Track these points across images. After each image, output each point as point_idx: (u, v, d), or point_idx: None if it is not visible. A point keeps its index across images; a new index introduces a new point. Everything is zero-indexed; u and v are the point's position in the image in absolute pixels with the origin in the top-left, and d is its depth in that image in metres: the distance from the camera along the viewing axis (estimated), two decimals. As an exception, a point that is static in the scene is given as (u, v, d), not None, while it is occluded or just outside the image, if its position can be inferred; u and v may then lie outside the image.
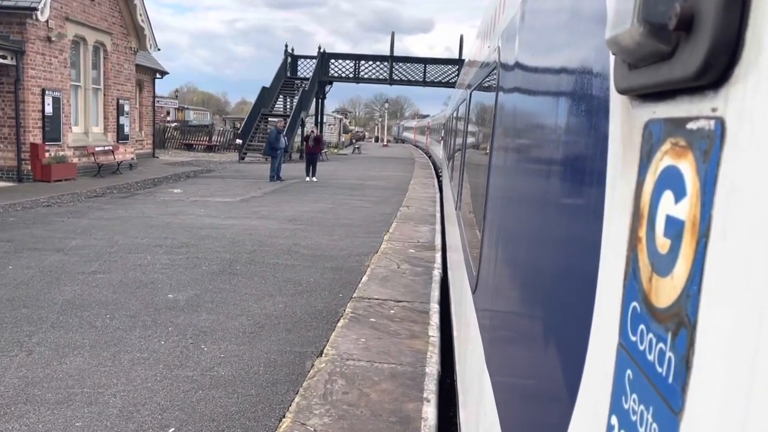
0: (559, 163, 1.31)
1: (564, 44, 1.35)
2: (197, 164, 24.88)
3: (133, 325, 5.21)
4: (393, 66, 36.47)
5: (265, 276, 7.07)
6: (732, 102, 0.52)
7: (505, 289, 1.98)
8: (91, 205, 12.40)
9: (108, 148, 18.59)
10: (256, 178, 19.53)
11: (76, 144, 17.00)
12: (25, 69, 14.71)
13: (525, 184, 1.77)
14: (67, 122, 16.53)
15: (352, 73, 36.61)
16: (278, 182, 18.36)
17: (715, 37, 0.51)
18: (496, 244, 2.26)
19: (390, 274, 7.42)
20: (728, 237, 0.51)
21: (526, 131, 1.83)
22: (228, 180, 18.96)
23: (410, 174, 23.85)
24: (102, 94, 18.69)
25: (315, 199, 14.86)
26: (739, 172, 0.50)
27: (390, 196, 15.97)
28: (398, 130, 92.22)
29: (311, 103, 34.21)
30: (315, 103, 37.09)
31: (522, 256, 1.67)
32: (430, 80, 36.80)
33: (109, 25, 18.45)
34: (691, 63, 0.54)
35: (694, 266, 0.55)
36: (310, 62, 36.40)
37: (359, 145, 44.47)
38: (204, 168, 23.20)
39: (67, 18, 16.15)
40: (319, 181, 19.02)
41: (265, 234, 9.78)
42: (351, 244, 9.34)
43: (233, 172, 22.16)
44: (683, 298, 0.57)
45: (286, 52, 35.57)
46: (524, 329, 1.55)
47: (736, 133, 0.51)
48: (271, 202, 13.97)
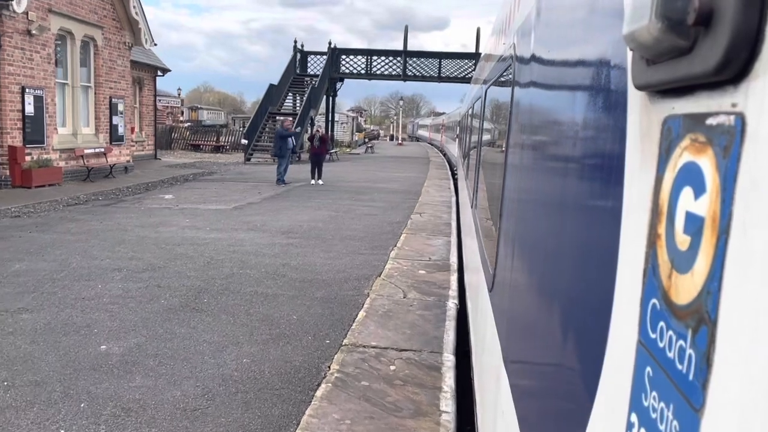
0: (576, 160, 1.29)
1: (580, 39, 1.32)
2: (200, 166, 23.61)
3: (32, 399, 3.80)
4: (407, 61, 34.93)
5: (235, 313, 5.65)
6: (752, 97, 0.52)
7: (522, 288, 1.94)
8: (66, 215, 11.10)
9: (99, 151, 17.35)
10: (258, 182, 18.18)
11: (62, 146, 15.77)
12: (2, 65, 13.47)
13: (541, 181, 1.74)
14: (51, 123, 15.29)
15: (364, 70, 35.16)
16: (282, 186, 16.98)
17: (734, 32, 0.51)
18: (513, 242, 2.22)
19: (393, 308, 5.96)
20: (749, 233, 0.51)
21: (542, 128, 1.81)
22: (228, 183, 17.63)
23: (424, 175, 22.34)
24: (93, 93, 17.45)
25: (317, 205, 13.44)
26: (760, 168, 0.50)
27: (401, 201, 14.50)
28: (413, 128, 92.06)
29: (321, 100, 32.83)
30: (326, 100, 35.73)
31: (539, 254, 1.64)
32: (445, 75, 35.20)
33: (99, 18, 17.20)
34: (710, 58, 0.54)
35: (714, 263, 0.55)
36: (320, 59, 35.02)
37: (372, 144, 42.99)
38: (206, 170, 21.92)
39: (50, 10, 14.90)
40: (326, 184, 17.61)
41: (251, 251, 8.37)
42: (350, 263, 7.89)
43: (236, 174, 20.84)
44: (703, 294, 0.57)
45: (295, 48, 34.23)
46: (542, 327, 1.50)
47: (756, 128, 0.51)
48: (267, 209, 12.57)
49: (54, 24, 15.19)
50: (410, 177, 21.44)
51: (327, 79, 33.74)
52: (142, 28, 18.89)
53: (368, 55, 35.22)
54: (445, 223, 11.44)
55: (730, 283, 0.53)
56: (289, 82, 32.95)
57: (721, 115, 0.56)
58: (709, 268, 0.56)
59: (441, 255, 8.62)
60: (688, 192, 0.62)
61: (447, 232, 10.57)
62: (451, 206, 14.06)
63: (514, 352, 1.99)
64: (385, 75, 35.60)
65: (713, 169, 0.57)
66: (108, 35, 17.74)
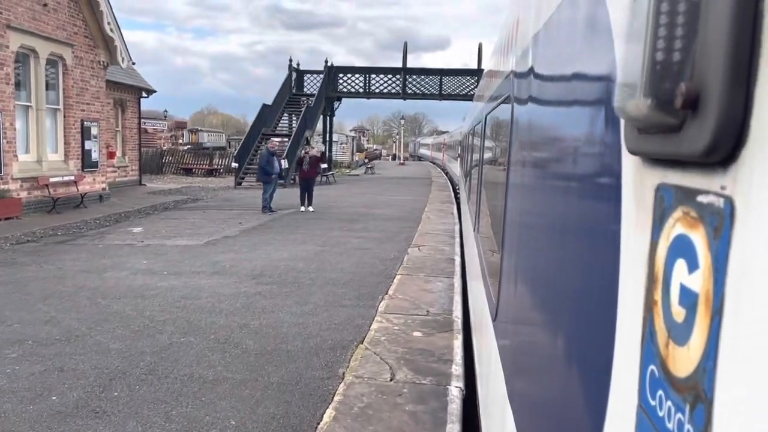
0: (572, 210, 1.31)
1: (577, 92, 1.34)
2: (186, 192, 22.08)
3: None
4: (406, 79, 33.60)
5: (149, 419, 4.00)
6: (740, 185, 0.52)
7: (524, 321, 1.92)
8: (5, 257, 9.52)
9: (68, 179, 15.85)
10: (243, 209, 16.62)
11: (24, 175, 14.27)
12: (-52, 86, 12.03)
13: (538, 232, 1.75)
14: (10, 149, 13.80)
15: (363, 88, 33.84)
16: (267, 214, 15.41)
17: (720, 119, 0.52)
18: (515, 277, 2.18)
19: (375, 401, 4.32)
20: (741, 318, 0.51)
21: (541, 172, 1.80)
22: (210, 212, 16.08)
23: (425, 198, 20.75)
24: (62, 116, 16.00)
25: (303, 237, 11.83)
26: (750, 257, 0.50)
27: (398, 231, 12.89)
28: (414, 147, 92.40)
29: (317, 120, 31.44)
30: (323, 120, 34.36)
31: (539, 299, 1.66)
32: (446, 93, 33.83)
33: (68, 36, 15.82)
34: (698, 141, 0.55)
35: (709, 342, 0.55)
36: (317, 78, 33.76)
37: (372, 165, 41.46)
38: (191, 197, 20.38)
39: (8, 26, 13.50)
40: (317, 212, 16.02)
41: (205, 306, 6.76)
42: (328, 322, 6.26)
43: (222, 201, 19.29)
44: (699, 371, 0.57)
45: (290, 67, 33.00)
46: (545, 365, 1.49)
47: (745, 215, 0.51)
48: (244, 244, 10.98)
49: (13, 41, 13.78)
50: (410, 201, 19.85)
51: (324, 99, 32.40)
52: (118, 46, 17.50)
53: (366, 74, 33.92)
54: (447, 259, 9.81)
55: (725, 364, 0.53)
56: (284, 102, 31.61)
57: (711, 194, 0.57)
58: (704, 345, 0.56)
59: (442, 305, 6.99)
60: (681, 264, 0.62)
61: (449, 270, 8.94)
62: (454, 235, 12.45)
63: (517, 388, 1.93)
64: (384, 93, 34.26)
65: (705, 247, 0.57)
66: (79, 53, 16.34)
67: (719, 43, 0.52)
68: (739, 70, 0.51)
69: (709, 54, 0.53)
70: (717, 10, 0.53)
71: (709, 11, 0.54)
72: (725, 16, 0.51)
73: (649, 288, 0.71)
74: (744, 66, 0.51)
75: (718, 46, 0.52)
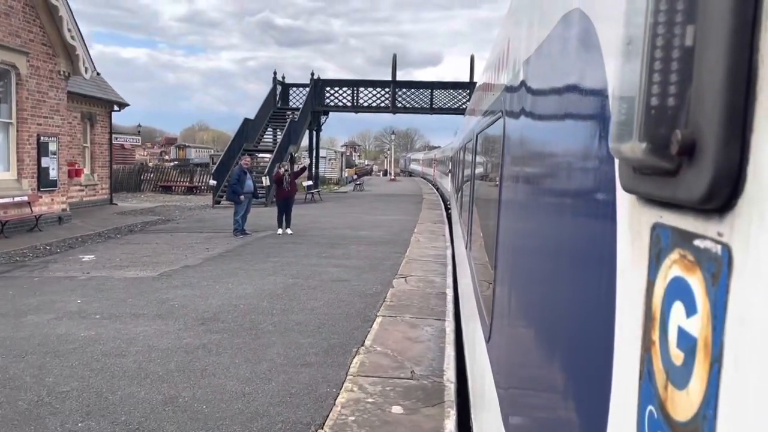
0: (566, 243, 1.28)
1: (570, 127, 1.32)
2: (159, 212, 20.59)
3: None
4: (396, 92, 32.40)
5: None
6: (737, 233, 0.51)
7: (519, 342, 1.89)
8: None
9: (20, 200, 14.37)
10: (216, 231, 15.19)
11: (-34, 196, 12.79)
12: None
13: (533, 267, 1.72)
14: (-51, 168, 12.35)
15: (351, 102, 32.60)
16: (239, 237, 13.97)
17: (717, 168, 0.52)
18: (508, 311, 2.16)
19: None
20: (741, 368, 0.50)
21: (534, 202, 1.78)
22: (178, 235, 14.62)
23: (416, 217, 19.39)
24: (15, 130, 14.56)
25: (274, 267, 10.40)
26: (748, 307, 0.49)
27: (383, 257, 11.50)
28: (405, 162, 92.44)
29: (302, 135, 30.09)
30: (309, 135, 33.05)
31: (533, 326, 1.64)
32: (437, 107, 32.63)
33: (23, 43, 14.43)
34: (694, 188, 0.55)
35: (709, 389, 0.54)
36: (303, 91, 32.46)
37: (361, 182, 40.10)
38: (162, 217, 18.91)
39: (-53, 30, 12.11)
40: (295, 234, 14.60)
41: (130, 367, 5.31)
42: (282, 391, 4.84)
43: (194, 222, 17.83)
44: (700, 418, 0.55)
45: (275, 80, 31.70)
46: (539, 388, 1.49)
47: (743, 265, 0.50)
48: (205, 276, 9.53)
49: (-46, 47, 12.38)
50: (399, 220, 18.48)
51: (310, 113, 31.11)
52: (80, 55, 16.13)
53: (354, 87, 32.68)
54: (437, 294, 8.42)
55: (725, 414, 0.51)
56: (268, 116, 30.27)
57: (708, 240, 0.56)
58: (704, 392, 0.55)
59: (431, 361, 5.59)
60: (679, 307, 0.61)
61: (440, 310, 7.54)
62: (445, 262, 11.08)
63: (513, 413, 1.89)
64: (373, 108, 33.02)
65: (703, 293, 0.56)
66: (36, 63, 14.94)
67: (714, 91, 0.52)
68: (734, 119, 0.50)
69: (704, 102, 0.53)
70: (711, 57, 0.52)
71: (703, 58, 0.53)
72: (719, 64, 0.51)
73: (647, 327, 0.70)
74: (739, 114, 0.50)
75: (713, 94, 0.52)
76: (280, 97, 32.66)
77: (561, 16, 1.41)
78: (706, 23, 0.52)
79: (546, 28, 1.61)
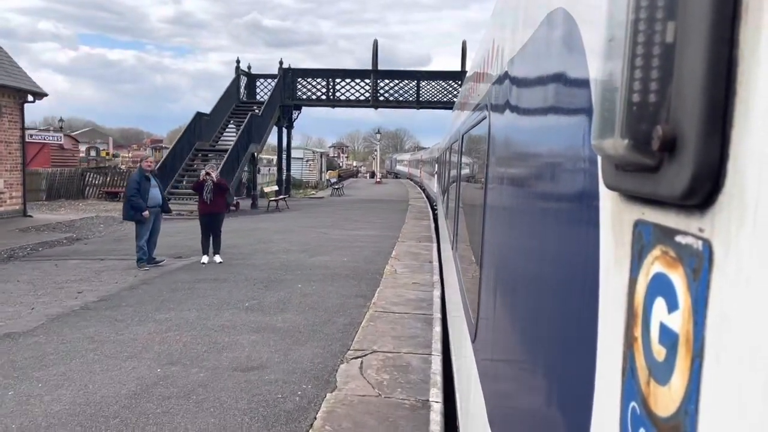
0: (550, 241, 1.28)
1: (553, 123, 1.32)
2: (77, 227, 16.40)
3: None
4: (377, 84, 28.41)
5: None
6: (718, 229, 0.52)
7: (504, 341, 1.87)
8: None
9: None
10: (121, 258, 11.15)
11: None
12: None
13: (517, 265, 1.72)
14: None
15: (326, 95, 28.60)
16: (144, 269, 9.94)
17: (697, 164, 0.52)
18: (493, 309, 2.15)
19: None
20: (722, 363, 0.50)
21: (515, 208, 1.81)
22: (65, 264, 10.58)
23: (396, 232, 15.43)
24: None
25: (149, 336, 6.38)
26: (729, 302, 0.50)
27: (337, 307, 7.54)
28: (391, 164, 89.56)
29: (267, 133, 26.06)
30: (278, 133, 29.02)
31: (518, 325, 1.63)
32: (425, 100, 28.69)
33: None
34: (676, 184, 0.55)
35: (690, 384, 0.54)
36: (271, 83, 28.41)
37: (341, 186, 36.07)
38: (74, 235, 14.78)
39: None
40: (225, 263, 10.58)
41: None
42: None
43: (108, 243, 13.73)
44: (682, 413, 0.56)
45: (238, 69, 27.56)
46: (524, 390, 1.48)
47: (723, 261, 0.51)
48: (26, 358, 5.51)
49: None
50: (375, 237, 14.52)
51: (278, 107, 27.10)
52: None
53: (330, 77, 28.66)
54: (415, 403, 4.47)
55: (706, 408, 0.52)
56: (229, 110, 26.21)
57: (689, 236, 0.56)
58: (685, 387, 0.55)
59: None
60: (661, 303, 0.61)
61: None
62: (431, 312, 7.18)
63: (499, 412, 1.90)
64: (352, 101, 29.03)
65: (684, 288, 0.56)
66: None
67: (695, 87, 0.52)
68: (714, 115, 0.51)
69: (685, 97, 0.53)
70: (691, 53, 0.52)
71: (683, 55, 0.54)
72: (700, 60, 0.51)
73: (629, 323, 0.71)
74: (720, 110, 0.50)
75: (694, 90, 0.52)
76: (246, 89, 28.60)
77: (545, 15, 1.43)
78: (686, 19, 0.53)
79: (530, 27, 1.63)
